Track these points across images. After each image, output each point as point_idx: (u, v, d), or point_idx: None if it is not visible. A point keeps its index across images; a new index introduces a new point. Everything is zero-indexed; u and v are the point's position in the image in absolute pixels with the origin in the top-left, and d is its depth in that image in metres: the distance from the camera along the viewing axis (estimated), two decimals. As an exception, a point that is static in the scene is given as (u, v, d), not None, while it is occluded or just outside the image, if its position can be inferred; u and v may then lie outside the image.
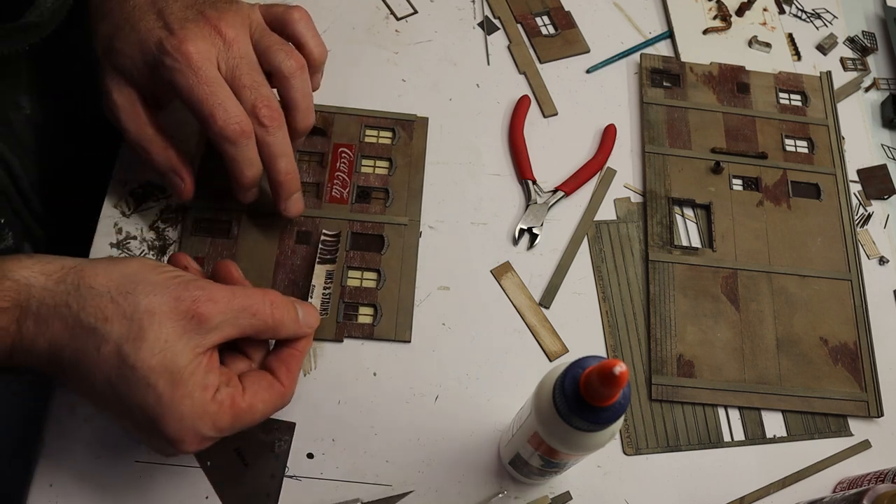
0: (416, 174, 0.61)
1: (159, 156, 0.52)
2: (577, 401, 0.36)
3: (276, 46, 0.51)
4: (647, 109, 0.66)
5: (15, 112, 0.51)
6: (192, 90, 0.47)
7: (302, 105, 0.51)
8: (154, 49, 0.48)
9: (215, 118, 0.48)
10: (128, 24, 0.49)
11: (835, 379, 0.56)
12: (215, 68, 0.48)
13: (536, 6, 0.71)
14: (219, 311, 0.41)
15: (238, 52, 0.49)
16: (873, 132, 0.69)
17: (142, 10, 0.49)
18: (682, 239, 0.61)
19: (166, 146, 0.52)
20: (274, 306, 0.44)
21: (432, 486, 0.50)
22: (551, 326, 0.56)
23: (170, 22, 0.48)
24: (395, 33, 0.68)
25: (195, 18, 0.49)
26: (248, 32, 0.50)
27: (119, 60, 0.49)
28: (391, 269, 0.56)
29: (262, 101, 0.49)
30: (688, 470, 0.53)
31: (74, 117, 0.58)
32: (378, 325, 0.54)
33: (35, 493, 0.48)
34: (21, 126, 0.51)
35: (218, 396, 0.41)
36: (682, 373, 0.55)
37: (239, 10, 0.51)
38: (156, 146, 0.51)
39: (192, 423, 0.40)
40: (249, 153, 0.50)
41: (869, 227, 0.64)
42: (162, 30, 0.48)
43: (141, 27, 0.48)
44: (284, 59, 0.50)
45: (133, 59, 0.49)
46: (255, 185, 0.52)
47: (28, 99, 0.53)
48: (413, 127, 0.63)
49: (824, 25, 0.74)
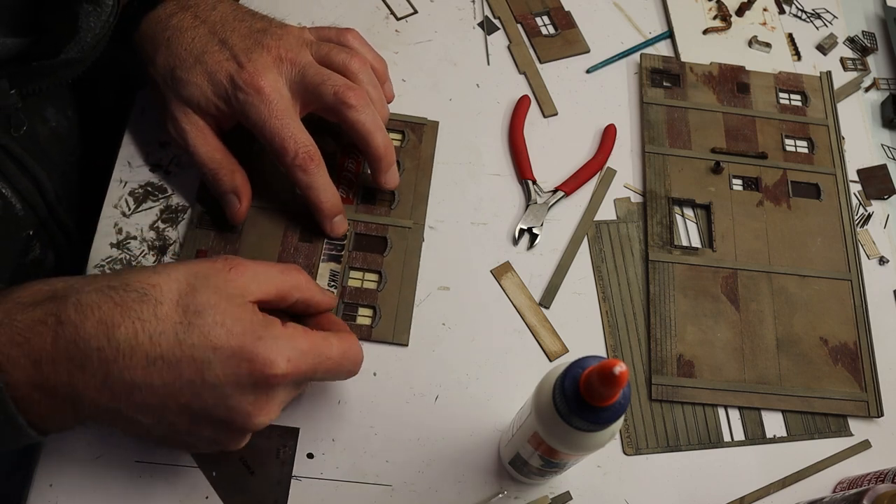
0: (423, 178, 0.61)
1: (225, 177, 0.53)
2: (577, 401, 0.36)
3: (335, 50, 0.53)
4: (647, 109, 0.66)
5: (42, 125, 0.52)
6: (264, 123, 0.50)
7: (375, 96, 0.54)
8: (226, 83, 0.50)
9: (287, 149, 0.50)
10: (191, 56, 0.51)
11: (835, 379, 0.56)
12: (287, 100, 0.51)
13: (536, 6, 0.71)
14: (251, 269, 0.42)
15: (302, 63, 0.51)
16: (873, 132, 0.69)
17: (203, 41, 0.51)
18: (682, 239, 0.61)
19: (233, 169, 0.54)
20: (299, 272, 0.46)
21: (432, 486, 0.50)
22: (551, 326, 0.56)
23: (237, 54, 0.50)
24: (395, 33, 0.68)
25: (257, 48, 0.51)
26: (307, 50, 0.53)
27: (186, 91, 0.51)
28: (392, 272, 0.56)
29: (342, 86, 0.51)
30: (688, 470, 0.53)
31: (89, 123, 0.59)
32: (376, 327, 0.54)
33: (35, 493, 0.48)
34: (46, 139, 0.52)
35: (288, 326, 0.41)
36: (682, 373, 0.55)
37: (293, 32, 0.53)
38: (224, 169, 0.53)
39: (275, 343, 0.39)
40: (322, 178, 0.52)
41: (869, 227, 0.64)
42: (231, 62, 0.50)
43: (207, 59, 0.50)
44: (346, 57, 0.53)
45: (202, 89, 0.51)
46: (338, 213, 0.55)
47: (54, 112, 0.53)
48: (423, 130, 0.63)
49: (824, 25, 0.74)
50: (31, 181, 0.50)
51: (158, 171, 0.58)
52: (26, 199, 0.50)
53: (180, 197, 0.58)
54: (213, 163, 0.53)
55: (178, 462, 0.49)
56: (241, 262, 0.42)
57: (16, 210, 0.49)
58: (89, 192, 0.59)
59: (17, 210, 0.49)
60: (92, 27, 0.46)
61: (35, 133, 0.51)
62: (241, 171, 0.54)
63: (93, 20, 0.46)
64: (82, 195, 0.58)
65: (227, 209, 0.54)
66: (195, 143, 0.52)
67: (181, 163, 0.59)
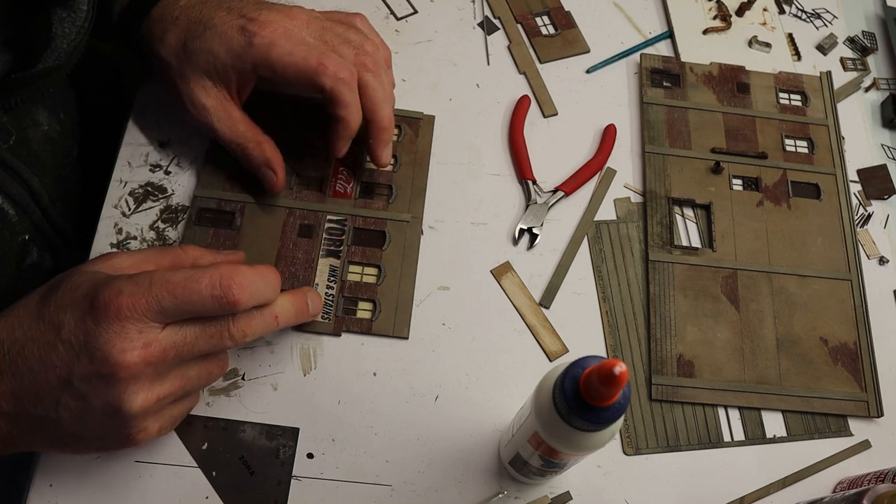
0: (421, 172, 0.61)
1: (254, 151, 0.53)
2: (577, 401, 0.36)
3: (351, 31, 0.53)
4: (647, 109, 0.66)
5: (33, 129, 0.52)
6: (291, 53, 0.49)
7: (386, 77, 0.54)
8: (238, 35, 0.49)
9: (326, 66, 0.49)
10: (200, 24, 0.50)
11: (835, 379, 0.56)
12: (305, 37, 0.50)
13: (536, 6, 0.71)
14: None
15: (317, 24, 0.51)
16: (873, 132, 0.69)
17: (210, 9, 0.51)
18: (682, 239, 0.61)
19: (259, 140, 0.53)
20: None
21: (432, 486, 0.50)
22: (551, 326, 0.56)
23: (245, 12, 0.50)
24: (395, 33, 0.68)
25: (267, 8, 0.51)
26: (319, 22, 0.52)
27: (199, 59, 0.50)
28: (392, 266, 0.56)
29: (360, 50, 0.51)
30: (688, 470, 0.53)
31: (83, 124, 0.58)
32: (376, 321, 0.54)
33: (35, 492, 0.48)
34: (38, 143, 0.52)
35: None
36: (682, 373, 0.55)
37: (302, 8, 0.53)
38: (251, 142, 0.53)
39: (116, 281, 0.39)
40: (356, 98, 0.51)
41: (869, 227, 0.64)
42: (239, 18, 0.50)
43: (216, 23, 0.50)
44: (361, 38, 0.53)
45: (214, 53, 0.50)
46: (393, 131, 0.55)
47: (46, 115, 0.53)
48: (419, 125, 0.63)
49: (824, 25, 0.74)
50: (22, 186, 0.49)
51: (158, 171, 0.58)
52: (19, 205, 0.49)
53: (180, 197, 0.58)
54: (238, 136, 0.52)
55: (178, 462, 0.49)
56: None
57: (9, 216, 0.49)
58: (88, 193, 0.58)
59: (10, 216, 0.49)
60: (67, 33, 0.45)
61: (26, 138, 0.51)
62: (268, 140, 0.54)
63: (67, 26, 0.45)
64: (81, 197, 0.58)
65: (265, 183, 0.55)
66: (217, 118, 0.52)
67: (181, 163, 0.59)
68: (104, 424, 0.41)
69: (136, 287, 0.39)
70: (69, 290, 0.40)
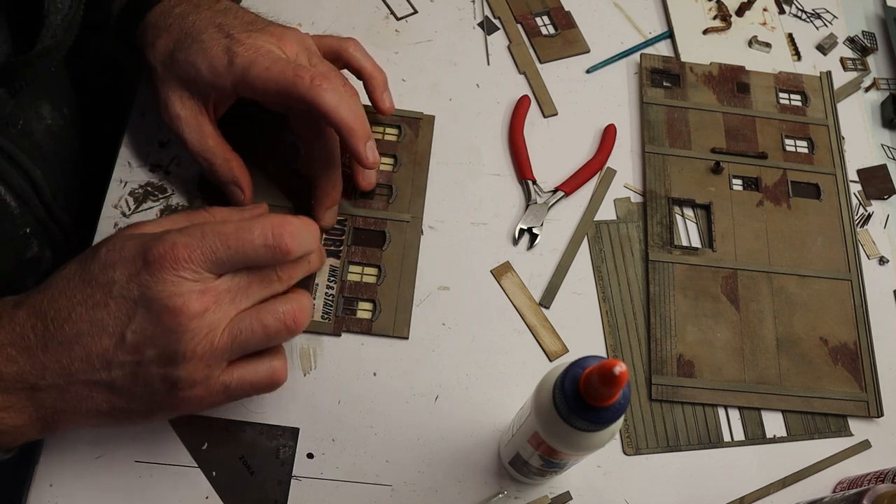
0: (421, 172, 0.61)
1: (221, 167, 0.53)
2: (577, 401, 0.36)
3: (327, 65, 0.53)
4: (647, 109, 0.66)
5: (37, 122, 0.52)
6: (269, 68, 0.49)
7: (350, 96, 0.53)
8: (221, 53, 0.50)
9: (301, 77, 0.48)
10: (189, 37, 0.51)
11: (835, 379, 0.56)
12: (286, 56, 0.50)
13: (536, 6, 0.71)
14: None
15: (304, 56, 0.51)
16: (873, 132, 0.69)
17: (202, 24, 0.51)
18: (682, 239, 0.61)
19: (228, 158, 0.53)
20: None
21: (432, 486, 0.50)
22: (551, 326, 0.56)
23: (233, 33, 0.50)
24: (395, 33, 0.68)
25: (256, 32, 0.51)
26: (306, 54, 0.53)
27: (182, 70, 0.51)
28: (391, 266, 0.56)
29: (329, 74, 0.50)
30: (688, 470, 0.53)
31: (85, 121, 0.59)
32: (376, 321, 0.54)
33: (35, 493, 0.48)
34: (42, 136, 0.52)
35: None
36: (682, 373, 0.55)
37: (296, 33, 0.53)
38: (218, 158, 0.53)
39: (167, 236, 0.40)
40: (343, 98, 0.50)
41: (869, 227, 0.64)
42: (226, 38, 0.50)
43: (204, 38, 0.50)
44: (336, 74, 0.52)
45: (196, 68, 0.50)
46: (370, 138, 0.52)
47: (50, 109, 0.53)
48: (419, 125, 0.63)
49: (824, 25, 0.74)
50: (25, 178, 0.50)
51: (158, 171, 0.58)
52: (21, 197, 0.50)
53: (180, 197, 0.58)
54: (206, 150, 0.53)
55: (178, 462, 0.49)
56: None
57: (11, 208, 0.49)
58: (89, 191, 0.59)
59: (12, 208, 0.49)
60: (59, 8, 0.46)
61: (30, 130, 0.51)
62: (236, 159, 0.54)
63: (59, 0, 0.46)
64: (81, 194, 0.58)
65: (232, 200, 0.55)
66: (188, 129, 0.52)
67: (181, 163, 0.59)
68: (155, 384, 0.41)
69: (190, 238, 0.40)
70: (114, 251, 0.41)
